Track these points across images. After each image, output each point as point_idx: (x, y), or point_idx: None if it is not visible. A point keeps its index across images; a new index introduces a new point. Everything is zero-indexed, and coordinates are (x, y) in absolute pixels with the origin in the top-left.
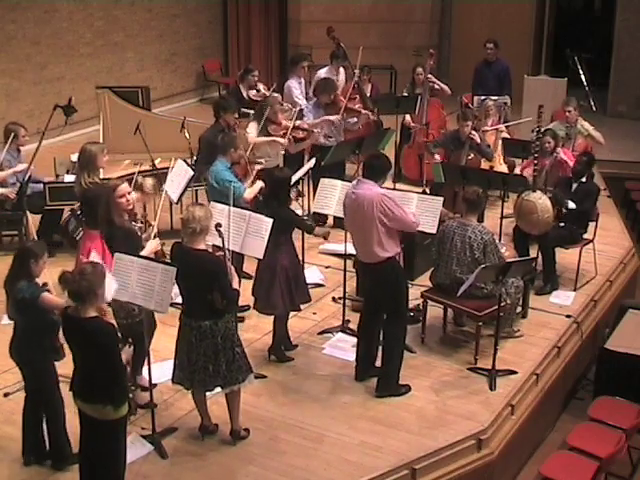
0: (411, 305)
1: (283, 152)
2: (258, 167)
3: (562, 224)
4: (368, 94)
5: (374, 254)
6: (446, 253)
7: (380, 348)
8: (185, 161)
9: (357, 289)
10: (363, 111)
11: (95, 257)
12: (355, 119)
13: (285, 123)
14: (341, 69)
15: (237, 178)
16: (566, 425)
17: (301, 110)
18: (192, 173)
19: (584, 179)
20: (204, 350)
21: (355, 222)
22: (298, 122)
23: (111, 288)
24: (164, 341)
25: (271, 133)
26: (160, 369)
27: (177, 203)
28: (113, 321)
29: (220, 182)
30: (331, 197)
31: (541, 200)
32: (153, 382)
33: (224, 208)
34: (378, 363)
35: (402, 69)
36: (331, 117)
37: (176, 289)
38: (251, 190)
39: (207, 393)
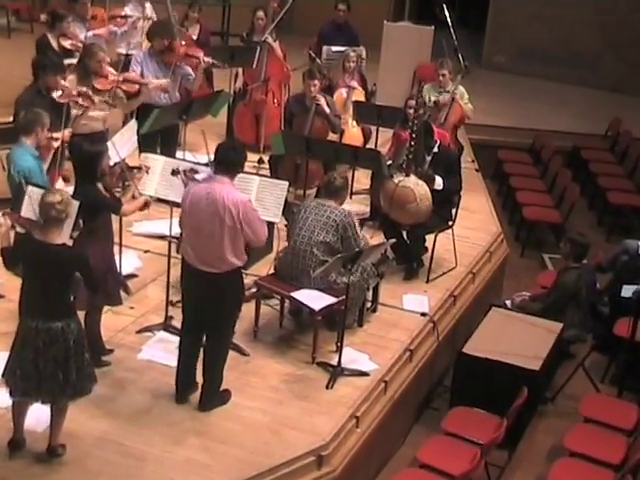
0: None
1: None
2: (56, 144)
3: None
4: (195, 37)
5: (224, 262)
6: (296, 233)
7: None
8: None
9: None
10: (206, 59)
11: None
12: (192, 74)
13: (112, 77)
14: (147, 3)
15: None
16: (419, 439)
17: (127, 57)
18: None
19: (436, 149)
20: (54, 356)
21: (205, 226)
22: (128, 74)
23: None
24: None
25: (96, 88)
26: None
27: None
28: None
29: (25, 176)
30: (153, 175)
31: (419, 186)
32: None
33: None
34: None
35: (238, 1)
36: (155, 82)
37: None
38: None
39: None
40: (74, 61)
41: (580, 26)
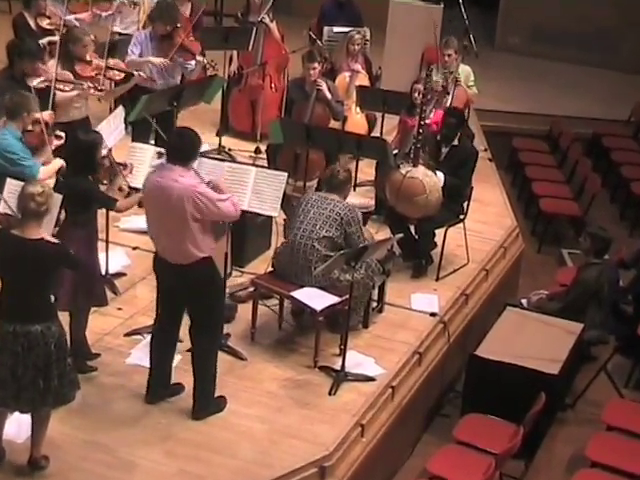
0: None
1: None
2: (58, 142)
3: None
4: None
5: (186, 253)
6: (296, 227)
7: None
8: None
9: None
10: (199, 58)
11: None
12: (193, 63)
13: (97, 62)
14: None
15: (29, 148)
16: (428, 448)
17: (114, 43)
18: None
19: (455, 142)
20: (34, 361)
21: (160, 216)
22: (113, 61)
23: None
24: None
25: (79, 74)
26: None
27: None
28: None
29: (7, 158)
30: (142, 166)
31: (428, 177)
32: None
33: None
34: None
35: None
36: (155, 60)
37: None
38: (46, 170)
39: None
40: (54, 39)
41: (598, 4)
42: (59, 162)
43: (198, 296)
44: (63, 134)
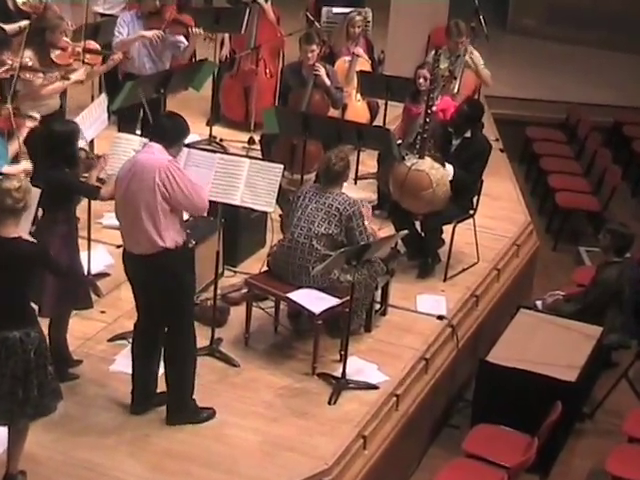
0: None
1: None
2: (31, 124)
3: None
4: None
5: (148, 241)
6: (294, 223)
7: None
8: None
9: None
10: (195, 29)
11: None
12: (185, 42)
13: (72, 46)
14: None
15: None
16: (436, 462)
17: (96, 25)
18: None
19: (468, 134)
20: (12, 370)
21: (127, 198)
22: (90, 44)
23: None
24: None
25: (56, 62)
26: None
27: None
28: None
29: None
30: (126, 157)
31: (435, 170)
32: None
33: None
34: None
35: None
36: (147, 33)
37: None
38: (13, 169)
39: None
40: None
41: None
42: (24, 165)
43: (162, 291)
44: (38, 115)
